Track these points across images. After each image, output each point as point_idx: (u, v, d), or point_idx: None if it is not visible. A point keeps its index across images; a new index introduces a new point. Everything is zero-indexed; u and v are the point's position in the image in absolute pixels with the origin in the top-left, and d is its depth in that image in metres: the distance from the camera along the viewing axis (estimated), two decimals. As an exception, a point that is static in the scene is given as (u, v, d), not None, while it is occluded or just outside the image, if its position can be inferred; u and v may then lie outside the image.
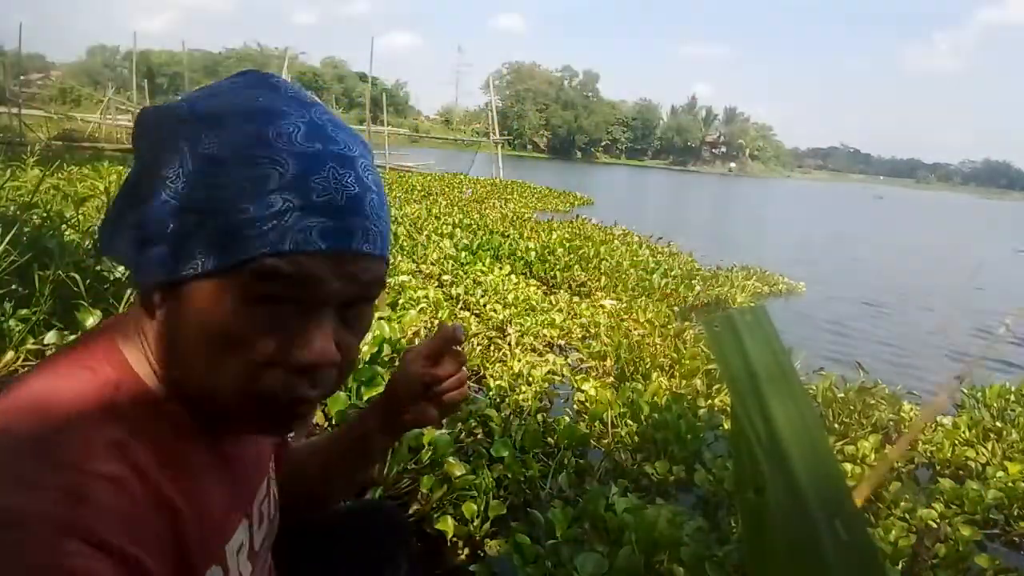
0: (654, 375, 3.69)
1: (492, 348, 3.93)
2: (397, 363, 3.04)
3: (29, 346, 2.51)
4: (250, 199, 0.50)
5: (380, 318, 3.22)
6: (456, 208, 11.26)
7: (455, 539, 1.99)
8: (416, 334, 3.42)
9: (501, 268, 6.15)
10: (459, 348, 0.82)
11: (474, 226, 8.84)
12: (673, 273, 7.41)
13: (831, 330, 6.85)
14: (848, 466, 2.72)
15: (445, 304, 4.35)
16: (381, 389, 2.51)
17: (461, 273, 5.74)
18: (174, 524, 0.53)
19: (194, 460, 0.57)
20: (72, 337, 2.59)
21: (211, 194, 0.51)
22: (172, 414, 0.56)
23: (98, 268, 3.00)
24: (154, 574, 0.49)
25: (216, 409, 0.55)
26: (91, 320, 2.61)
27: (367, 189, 0.55)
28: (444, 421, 2.54)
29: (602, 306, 5.38)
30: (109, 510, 0.47)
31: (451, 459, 2.18)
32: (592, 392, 3.18)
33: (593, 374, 3.75)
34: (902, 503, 2.46)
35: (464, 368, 0.83)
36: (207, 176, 0.51)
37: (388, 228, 0.59)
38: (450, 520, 1.99)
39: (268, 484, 0.73)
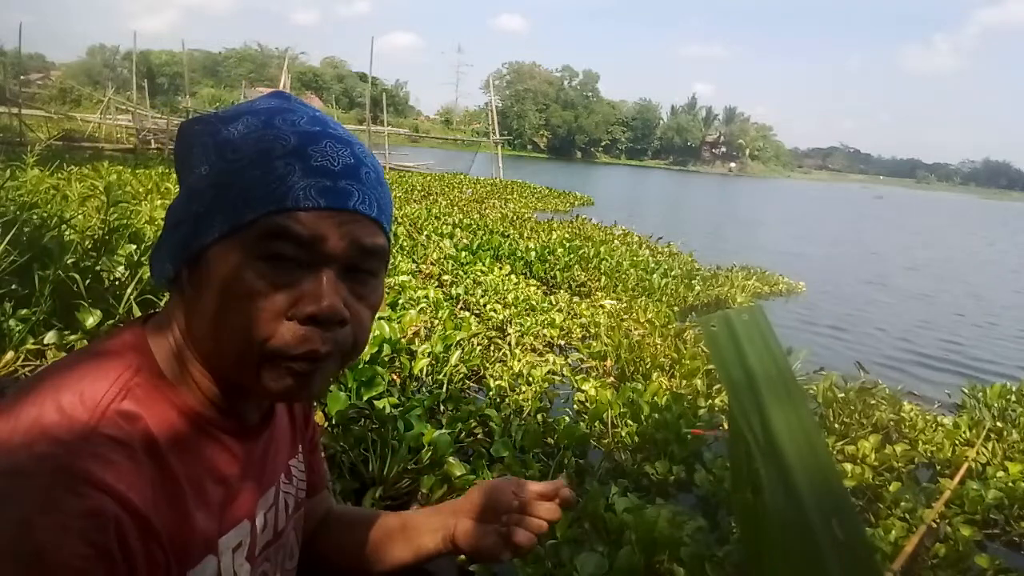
0: (654, 375, 3.69)
1: (492, 348, 3.93)
2: (395, 362, 3.04)
3: (29, 346, 2.51)
4: (258, 166, 0.57)
5: (380, 318, 3.22)
6: (456, 208, 11.26)
7: (455, 539, 1.98)
8: (416, 334, 3.42)
9: (501, 268, 6.15)
10: (560, 506, 0.82)
11: (474, 226, 8.84)
12: (673, 273, 7.41)
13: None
14: (848, 466, 2.72)
15: (445, 304, 4.35)
16: (381, 389, 2.53)
17: (461, 273, 5.74)
18: (176, 501, 0.56)
19: (201, 449, 0.60)
20: (72, 337, 2.59)
21: (226, 167, 0.58)
22: (185, 405, 0.60)
23: (98, 268, 3.00)
24: (161, 535, 0.53)
25: (238, 366, 0.59)
26: (91, 320, 2.61)
27: (361, 163, 0.61)
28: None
29: (602, 306, 5.37)
30: (114, 465, 0.51)
31: (451, 459, 2.18)
32: (592, 392, 3.18)
33: (593, 374, 3.75)
34: (902, 503, 2.46)
35: (547, 525, 0.81)
36: (223, 155, 0.59)
37: (389, 205, 0.65)
38: (450, 520, 1.98)
39: (278, 495, 0.73)
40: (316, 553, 0.87)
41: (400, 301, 4.09)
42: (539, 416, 2.88)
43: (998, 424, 3.42)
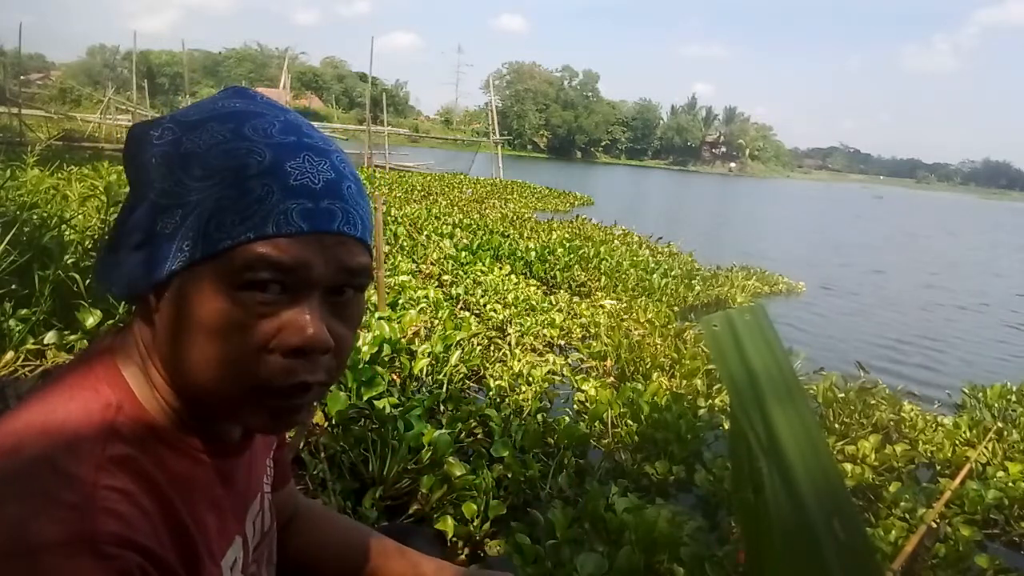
0: (654, 375, 3.69)
1: (492, 348, 3.93)
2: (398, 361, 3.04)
3: (29, 346, 2.51)
4: (231, 187, 0.52)
5: (380, 318, 3.22)
6: (456, 208, 11.26)
7: (455, 539, 1.99)
8: (416, 334, 3.42)
9: (501, 268, 6.15)
10: None
11: (474, 226, 8.84)
12: (673, 273, 7.41)
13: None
14: (848, 466, 2.72)
15: (445, 304, 4.35)
16: (381, 389, 2.53)
17: (461, 273, 5.74)
18: (183, 539, 0.54)
19: (192, 478, 0.58)
20: (72, 337, 2.59)
21: (193, 186, 0.52)
22: (172, 436, 0.57)
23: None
24: (180, 573, 0.51)
25: (221, 403, 0.55)
26: (91, 320, 2.61)
27: (343, 176, 0.56)
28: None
29: (602, 306, 5.37)
30: (124, 517, 0.48)
31: (451, 459, 2.18)
32: (592, 392, 3.18)
33: (593, 374, 3.75)
34: (902, 503, 2.46)
35: None
36: (188, 171, 0.53)
37: (369, 217, 0.59)
38: (450, 520, 1.99)
39: (261, 500, 0.73)
40: (289, 553, 0.86)
41: (400, 301, 4.09)
42: (539, 416, 2.88)
43: (998, 424, 3.42)
